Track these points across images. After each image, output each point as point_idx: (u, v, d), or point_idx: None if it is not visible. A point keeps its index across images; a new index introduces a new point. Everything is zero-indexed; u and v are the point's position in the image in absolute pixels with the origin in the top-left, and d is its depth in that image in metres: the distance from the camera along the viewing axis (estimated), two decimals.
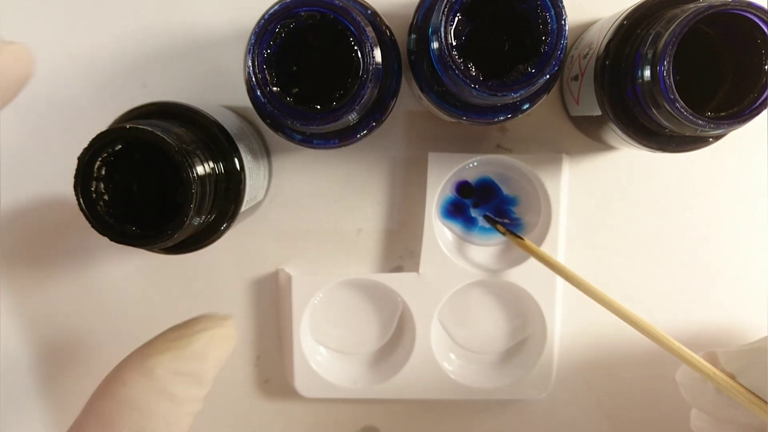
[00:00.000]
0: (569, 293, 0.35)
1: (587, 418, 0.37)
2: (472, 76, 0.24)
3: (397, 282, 0.34)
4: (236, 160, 0.28)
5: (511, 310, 0.36)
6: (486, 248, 0.35)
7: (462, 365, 0.36)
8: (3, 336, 0.36)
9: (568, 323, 0.35)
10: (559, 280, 0.34)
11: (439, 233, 0.34)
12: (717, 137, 0.27)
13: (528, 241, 0.33)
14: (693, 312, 0.36)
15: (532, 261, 0.33)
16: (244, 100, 0.33)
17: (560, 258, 0.34)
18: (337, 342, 0.36)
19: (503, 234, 0.34)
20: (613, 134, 0.28)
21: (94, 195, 0.25)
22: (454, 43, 0.24)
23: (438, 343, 0.35)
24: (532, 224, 0.35)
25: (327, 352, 0.36)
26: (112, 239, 0.25)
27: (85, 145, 0.25)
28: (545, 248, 0.33)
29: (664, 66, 0.23)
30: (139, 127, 0.24)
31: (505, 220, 0.35)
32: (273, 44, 0.24)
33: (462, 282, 0.34)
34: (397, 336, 0.36)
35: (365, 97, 0.24)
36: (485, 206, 0.35)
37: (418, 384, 0.35)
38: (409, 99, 0.33)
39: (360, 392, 0.35)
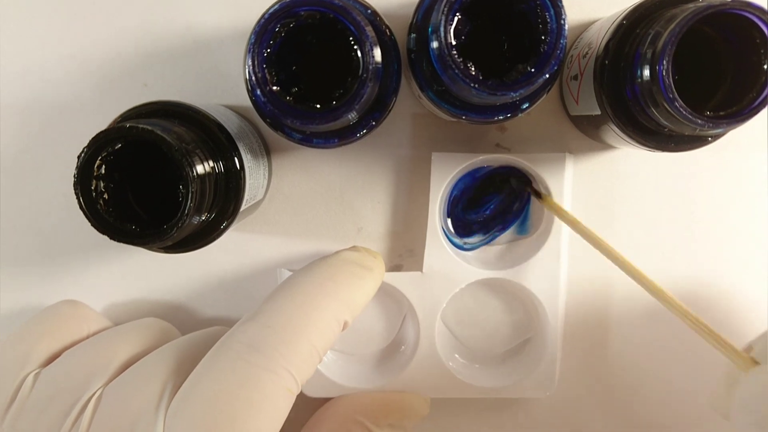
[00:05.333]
0: (573, 292, 0.35)
1: (591, 417, 0.37)
2: (471, 75, 0.24)
3: (401, 280, 0.34)
4: (236, 159, 0.28)
5: (514, 309, 0.36)
6: (489, 247, 0.35)
7: (466, 364, 0.36)
8: (3, 336, 0.36)
9: (572, 321, 0.35)
10: (562, 279, 0.34)
11: (442, 232, 0.34)
12: (716, 136, 0.27)
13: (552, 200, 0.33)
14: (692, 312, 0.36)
15: (535, 259, 0.33)
16: (244, 100, 0.33)
17: (562, 258, 0.34)
18: (341, 342, 0.36)
19: (531, 193, 0.34)
20: (613, 134, 0.28)
21: (94, 194, 0.25)
22: (454, 43, 0.24)
23: (442, 342, 0.35)
24: (536, 224, 0.35)
25: (331, 353, 0.36)
26: (112, 238, 0.25)
27: (85, 144, 0.25)
28: (548, 248, 0.33)
29: (663, 65, 0.23)
30: (140, 126, 0.24)
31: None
32: (273, 43, 0.24)
33: (465, 281, 0.34)
34: (401, 335, 0.36)
35: (365, 96, 0.24)
36: (488, 209, 0.35)
37: (422, 383, 0.35)
38: (409, 99, 0.33)
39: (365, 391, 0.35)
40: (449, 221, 0.35)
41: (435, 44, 0.24)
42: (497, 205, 0.35)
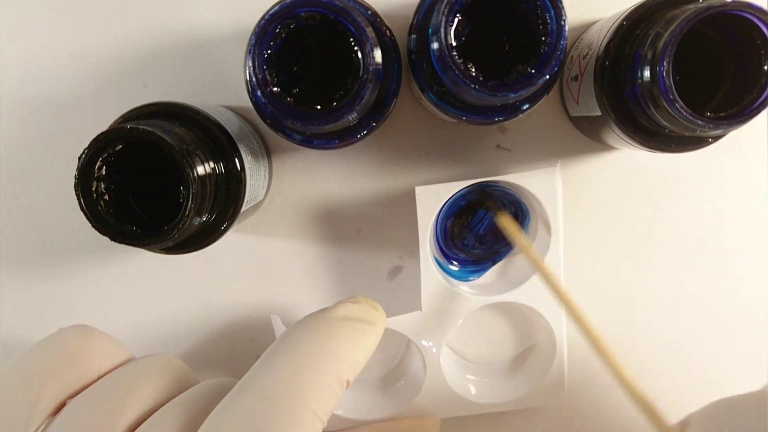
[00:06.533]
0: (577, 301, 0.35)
1: (601, 419, 0.37)
2: (471, 76, 0.24)
3: (402, 324, 0.33)
4: (236, 160, 0.28)
5: (516, 321, 0.36)
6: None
7: (476, 381, 0.35)
8: (3, 337, 0.36)
9: (574, 329, 0.35)
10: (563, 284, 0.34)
11: (436, 265, 0.34)
12: (716, 137, 0.27)
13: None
14: (693, 313, 0.36)
15: (535, 279, 0.33)
16: (244, 101, 0.33)
17: (560, 261, 0.33)
18: None
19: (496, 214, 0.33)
20: (613, 134, 0.28)
21: (95, 195, 0.25)
22: (454, 44, 0.24)
23: (449, 366, 0.35)
24: (531, 237, 0.35)
25: None
26: (112, 239, 0.25)
27: (86, 144, 0.25)
28: (547, 259, 0.33)
29: (663, 66, 0.23)
30: (140, 127, 0.24)
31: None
32: (273, 45, 0.24)
33: (466, 311, 0.33)
34: (408, 362, 0.36)
35: (365, 97, 0.24)
36: (481, 227, 0.35)
37: (436, 407, 0.34)
38: (409, 99, 0.33)
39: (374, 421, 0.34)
40: (442, 252, 0.35)
41: (435, 45, 0.24)
42: (489, 222, 0.35)
